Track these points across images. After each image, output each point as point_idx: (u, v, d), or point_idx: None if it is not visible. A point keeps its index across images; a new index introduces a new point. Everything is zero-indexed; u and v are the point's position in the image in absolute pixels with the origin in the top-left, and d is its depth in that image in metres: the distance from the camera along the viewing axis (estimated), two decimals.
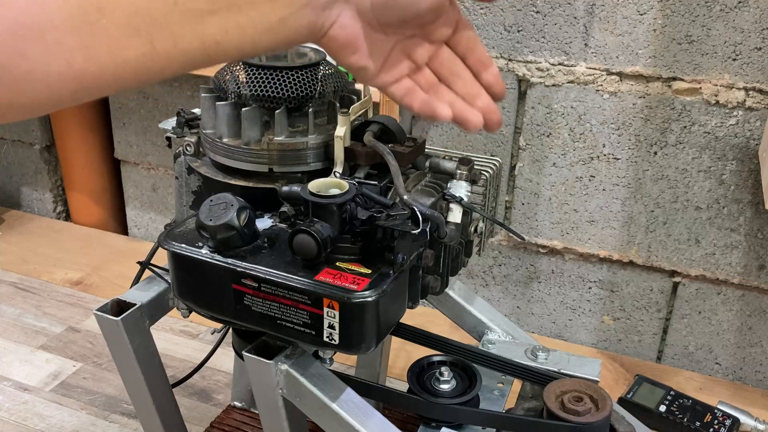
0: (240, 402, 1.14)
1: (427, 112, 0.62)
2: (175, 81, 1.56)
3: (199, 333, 1.38)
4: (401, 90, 0.62)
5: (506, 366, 0.81)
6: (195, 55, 0.49)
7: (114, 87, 0.47)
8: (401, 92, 0.62)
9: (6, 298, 1.48)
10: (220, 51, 0.49)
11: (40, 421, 1.16)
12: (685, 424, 1.12)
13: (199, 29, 0.48)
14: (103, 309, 0.79)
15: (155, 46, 0.46)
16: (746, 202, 1.22)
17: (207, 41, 0.48)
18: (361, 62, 0.58)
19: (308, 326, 0.64)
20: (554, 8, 1.22)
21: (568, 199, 1.33)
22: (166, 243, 0.68)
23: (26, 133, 1.78)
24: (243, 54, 0.52)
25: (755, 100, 1.16)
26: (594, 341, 1.41)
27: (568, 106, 1.27)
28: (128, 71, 0.46)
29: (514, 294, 1.44)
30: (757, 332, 1.29)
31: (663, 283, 1.33)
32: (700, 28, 1.15)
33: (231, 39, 0.49)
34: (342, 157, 0.72)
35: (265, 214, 0.72)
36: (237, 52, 0.51)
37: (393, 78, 0.62)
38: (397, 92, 0.62)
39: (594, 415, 0.70)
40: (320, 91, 0.74)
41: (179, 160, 0.79)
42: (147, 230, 1.77)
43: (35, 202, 1.86)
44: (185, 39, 0.47)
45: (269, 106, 0.72)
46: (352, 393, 0.70)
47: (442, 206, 0.73)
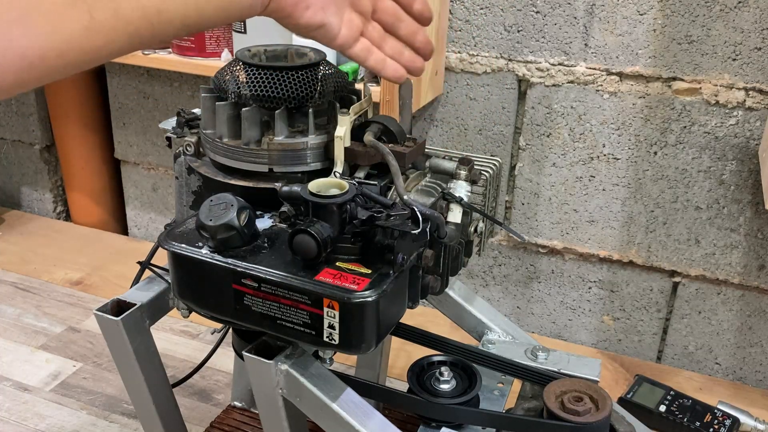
0: (240, 402, 1.14)
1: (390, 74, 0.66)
2: (175, 81, 1.56)
3: (199, 333, 1.38)
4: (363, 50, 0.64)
5: (506, 366, 0.81)
6: (138, 26, 0.48)
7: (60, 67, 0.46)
8: (363, 53, 0.64)
9: (6, 298, 1.48)
10: (164, 20, 0.49)
11: (40, 421, 1.16)
12: (685, 424, 1.12)
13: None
14: (103, 309, 0.79)
15: (95, 17, 0.46)
16: (746, 202, 1.22)
17: (148, 10, 0.48)
18: (317, 17, 0.58)
19: (308, 326, 0.64)
20: (554, 8, 1.23)
21: (568, 199, 1.33)
22: (166, 243, 0.68)
23: (26, 133, 1.78)
24: (188, 25, 0.51)
25: (755, 100, 1.16)
26: (594, 341, 1.41)
27: (568, 106, 1.27)
28: (71, 47, 0.46)
29: (514, 294, 1.44)
30: (757, 332, 1.29)
31: (663, 283, 1.33)
32: (700, 28, 1.15)
33: (173, 6, 0.49)
34: (342, 157, 0.72)
35: (265, 214, 0.72)
36: (181, 22, 0.50)
37: (354, 35, 0.63)
38: (360, 53, 0.64)
39: (594, 415, 0.70)
40: (320, 91, 0.74)
41: (179, 160, 0.79)
42: (147, 230, 1.77)
43: (35, 202, 1.86)
44: (125, 8, 0.47)
45: (269, 106, 0.72)
46: (352, 393, 0.70)
47: (442, 206, 0.73)
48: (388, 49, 0.68)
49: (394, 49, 0.68)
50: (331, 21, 0.60)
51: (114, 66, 1.60)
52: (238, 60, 0.75)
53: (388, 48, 0.68)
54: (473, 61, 1.31)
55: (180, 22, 0.50)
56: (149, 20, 0.48)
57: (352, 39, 0.63)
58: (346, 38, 0.63)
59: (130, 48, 0.49)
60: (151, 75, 1.58)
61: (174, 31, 0.51)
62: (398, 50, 0.68)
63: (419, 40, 0.70)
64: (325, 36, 0.61)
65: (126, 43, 0.48)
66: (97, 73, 1.65)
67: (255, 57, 0.77)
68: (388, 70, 0.67)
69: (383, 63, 0.67)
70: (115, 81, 1.62)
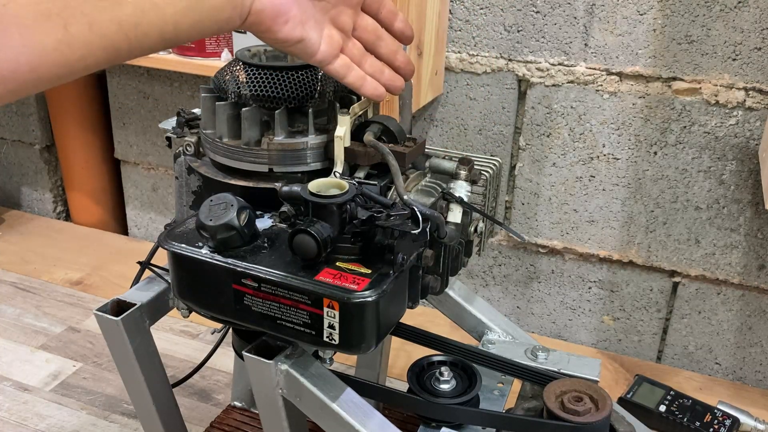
0: (240, 402, 1.14)
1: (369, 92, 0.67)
2: (175, 81, 1.56)
3: (199, 333, 1.38)
4: (342, 66, 0.64)
5: (506, 366, 0.81)
6: (115, 40, 0.47)
7: (33, 81, 0.45)
8: (343, 69, 0.64)
9: (6, 298, 1.48)
10: (141, 34, 0.48)
11: (40, 421, 1.16)
12: (685, 424, 1.12)
13: (116, 11, 0.46)
14: (103, 309, 0.79)
15: (70, 31, 0.45)
16: (746, 202, 1.22)
17: (124, 23, 0.47)
18: (296, 32, 0.58)
19: (308, 326, 0.64)
20: (554, 8, 1.23)
21: (568, 199, 1.33)
22: (166, 243, 0.68)
23: (26, 133, 1.78)
24: (166, 39, 0.50)
25: (755, 100, 1.16)
26: (594, 341, 1.41)
27: (568, 106, 1.27)
28: (45, 61, 0.45)
29: (514, 294, 1.44)
30: (757, 332, 1.29)
31: (663, 283, 1.33)
32: (700, 28, 1.15)
33: (150, 20, 0.48)
34: (342, 157, 0.72)
35: (265, 214, 0.72)
36: (158, 36, 0.50)
37: (334, 51, 0.63)
38: (339, 69, 0.64)
39: (594, 415, 0.70)
40: (320, 91, 0.74)
41: (179, 160, 0.79)
42: (147, 230, 1.77)
43: (35, 202, 1.86)
44: (101, 22, 0.46)
45: (269, 106, 0.72)
46: (352, 393, 0.70)
47: (442, 206, 0.73)
48: (368, 67, 0.68)
49: (374, 67, 0.68)
50: (310, 36, 0.60)
51: (114, 66, 1.60)
52: (238, 60, 0.75)
53: (368, 66, 0.68)
54: (473, 61, 1.31)
55: (157, 36, 0.50)
56: (125, 34, 0.48)
57: (331, 55, 0.63)
58: (326, 54, 0.63)
59: (106, 62, 0.48)
60: (151, 75, 1.58)
61: (151, 44, 0.50)
62: (378, 68, 0.69)
63: (399, 59, 0.70)
64: (304, 51, 0.61)
65: (102, 57, 0.47)
66: (97, 73, 1.65)
67: (255, 57, 0.77)
68: (367, 88, 0.68)
69: (362, 80, 0.67)
70: (115, 81, 1.62)
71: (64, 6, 0.44)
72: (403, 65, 0.70)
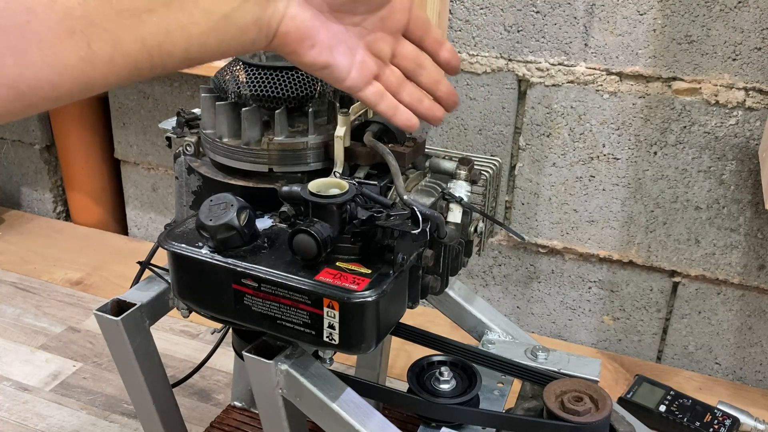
0: (240, 402, 1.14)
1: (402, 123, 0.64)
2: (175, 81, 1.56)
3: (199, 333, 1.38)
4: (374, 94, 0.62)
5: (506, 366, 0.81)
6: (138, 59, 0.46)
7: (53, 97, 0.44)
8: (374, 97, 0.62)
9: (6, 298, 1.48)
10: (164, 53, 0.48)
11: (40, 421, 1.16)
12: (685, 424, 1.12)
13: (140, 30, 0.46)
14: (103, 309, 0.79)
15: (94, 49, 0.44)
16: (746, 202, 1.22)
17: (148, 42, 0.46)
18: (322, 57, 0.56)
19: (308, 326, 0.64)
20: (554, 8, 1.23)
21: (568, 199, 1.33)
22: (166, 243, 0.68)
23: (26, 133, 1.78)
24: (191, 58, 0.49)
25: (755, 100, 1.16)
26: (594, 341, 1.41)
27: (568, 106, 1.27)
28: (66, 77, 0.44)
29: (514, 294, 1.44)
30: (757, 332, 1.29)
31: (663, 283, 1.33)
32: (700, 28, 1.15)
33: (174, 40, 0.48)
34: (342, 157, 0.72)
35: (265, 214, 0.72)
36: (183, 55, 0.49)
37: (365, 79, 0.61)
38: (371, 96, 0.62)
39: (594, 415, 0.70)
40: (320, 91, 0.74)
41: (179, 160, 0.79)
42: (147, 230, 1.77)
43: (35, 202, 1.86)
44: (125, 41, 0.45)
45: (269, 106, 0.72)
46: (352, 393, 0.70)
47: (442, 206, 0.73)
48: (406, 96, 0.64)
49: (412, 96, 0.65)
50: (338, 62, 0.58)
51: None
52: (238, 60, 0.75)
53: (406, 95, 0.64)
54: (473, 61, 1.31)
55: (182, 55, 0.49)
56: (149, 52, 0.47)
57: (362, 82, 0.61)
58: (356, 81, 0.60)
59: (127, 80, 0.47)
60: None
61: (174, 63, 0.49)
62: (417, 97, 0.65)
63: (442, 89, 0.66)
64: (331, 76, 0.59)
65: (124, 75, 0.47)
66: None
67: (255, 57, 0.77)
68: (400, 118, 0.64)
69: (395, 110, 0.64)
70: None
71: (88, 23, 0.43)
72: (445, 96, 0.67)
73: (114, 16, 0.44)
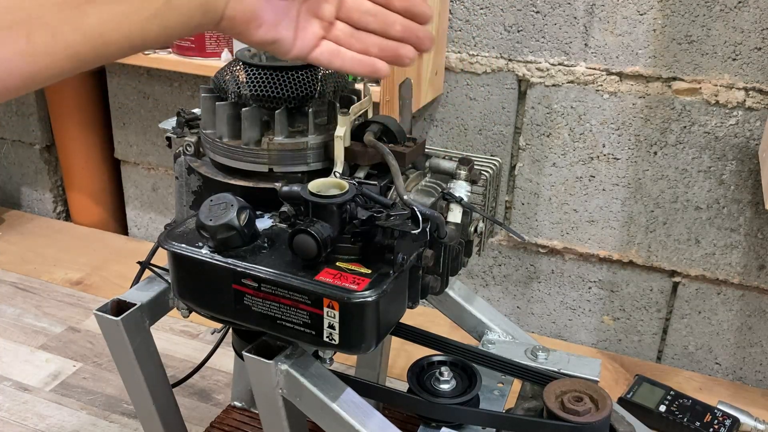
0: (240, 402, 1.14)
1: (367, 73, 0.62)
2: (175, 81, 1.56)
3: (199, 333, 1.38)
4: (325, 54, 0.61)
5: (506, 366, 0.81)
6: (80, 50, 0.46)
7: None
8: (327, 56, 0.61)
9: (6, 298, 1.48)
10: (107, 43, 0.47)
11: (40, 421, 1.16)
12: (685, 424, 1.12)
13: (79, 21, 0.46)
14: (103, 309, 0.79)
15: (33, 41, 0.44)
16: (746, 202, 1.22)
17: (89, 33, 0.46)
18: (269, 35, 0.57)
19: (308, 326, 0.64)
20: (554, 8, 1.23)
21: (568, 199, 1.33)
22: (166, 243, 0.68)
23: (26, 133, 1.78)
24: (134, 45, 0.49)
25: (755, 100, 1.16)
26: (594, 341, 1.41)
27: (568, 106, 1.27)
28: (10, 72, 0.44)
29: (514, 294, 1.44)
30: (757, 332, 1.29)
31: (663, 283, 1.33)
32: (700, 28, 1.15)
33: (116, 29, 0.47)
34: (342, 157, 0.72)
35: (265, 214, 0.72)
36: (127, 43, 0.49)
37: (310, 43, 0.61)
38: (323, 58, 0.61)
39: (594, 415, 0.70)
40: (320, 91, 0.74)
41: (179, 160, 0.79)
42: (147, 230, 1.77)
43: (35, 202, 1.86)
44: (65, 32, 0.45)
45: (269, 106, 0.72)
46: (352, 393, 0.70)
47: (442, 206, 0.73)
48: (361, 45, 0.62)
49: (367, 43, 0.62)
50: (283, 36, 0.58)
51: (114, 66, 1.60)
52: (238, 60, 0.75)
53: (360, 44, 0.62)
54: (473, 61, 1.31)
55: (124, 43, 0.49)
56: (92, 44, 0.47)
57: (308, 48, 0.61)
58: (301, 49, 0.60)
59: (71, 71, 0.47)
60: (151, 75, 1.58)
61: (117, 52, 0.49)
62: (373, 43, 0.62)
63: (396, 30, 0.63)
64: (278, 50, 0.59)
65: (67, 67, 0.47)
66: (97, 73, 1.66)
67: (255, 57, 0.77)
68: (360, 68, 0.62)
69: (351, 61, 0.62)
70: (115, 81, 1.62)
71: (26, 17, 0.44)
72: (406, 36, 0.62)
73: (53, 8, 0.44)
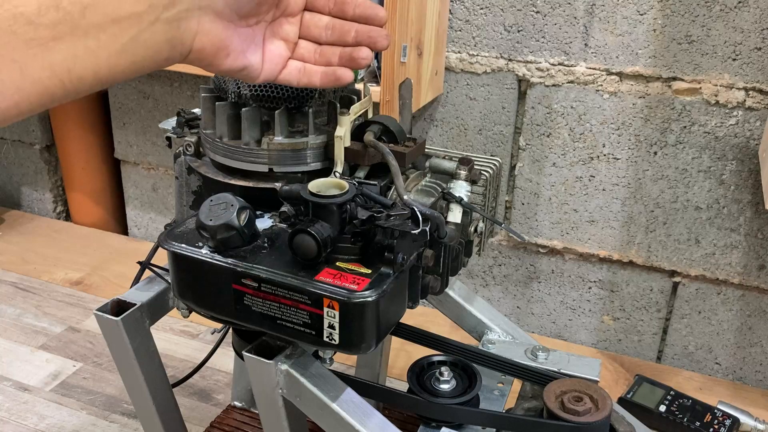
0: (240, 402, 1.14)
1: (332, 83, 0.64)
2: (175, 81, 1.56)
3: (199, 333, 1.38)
4: (294, 73, 0.63)
5: (506, 366, 0.81)
6: (48, 86, 0.47)
7: None
8: (295, 75, 0.63)
9: (6, 298, 1.48)
10: (75, 78, 0.48)
11: (40, 421, 1.16)
12: (685, 424, 1.12)
13: (47, 57, 0.46)
14: (103, 309, 0.79)
15: (2, 79, 0.44)
16: (746, 202, 1.22)
17: (57, 69, 0.46)
18: (237, 62, 0.58)
19: (308, 326, 0.64)
20: (554, 8, 1.23)
21: (568, 199, 1.33)
22: (166, 243, 0.68)
23: (26, 133, 1.78)
24: (101, 80, 0.50)
25: (755, 100, 1.16)
26: (594, 341, 1.41)
27: (568, 106, 1.27)
28: None
29: (514, 294, 1.44)
30: (757, 332, 1.29)
31: (663, 283, 1.33)
32: (700, 28, 1.15)
33: (83, 65, 0.48)
34: (342, 157, 0.72)
35: (265, 214, 0.72)
36: (94, 79, 0.49)
37: (278, 65, 0.62)
38: (291, 77, 0.63)
39: (594, 415, 0.70)
40: (320, 91, 0.74)
41: (179, 160, 0.79)
42: (147, 230, 1.77)
43: (35, 202, 1.86)
44: (33, 68, 0.45)
45: (269, 106, 0.72)
46: (352, 393, 0.70)
47: (442, 206, 0.73)
48: (323, 58, 0.64)
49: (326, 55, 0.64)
50: (251, 61, 0.59)
51: None
52: None
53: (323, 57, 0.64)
54: (473, 61, 1.31)
55: (92, 79, 0.49)
56: (59, 79, 0.47)
57: (276, 70, 0.62)
58: (269, 72, 0.62)
59: (40, 106, 0.48)
60: (151, 75, 1.58)
61: (87, 87, 0.49)
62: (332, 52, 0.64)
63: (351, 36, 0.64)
64: (247, 76, 0.60)
65: (36, 102, 0.47)
66: None
67: None
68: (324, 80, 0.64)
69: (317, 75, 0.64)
70: None
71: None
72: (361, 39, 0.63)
73: (21, 45, 0.45)
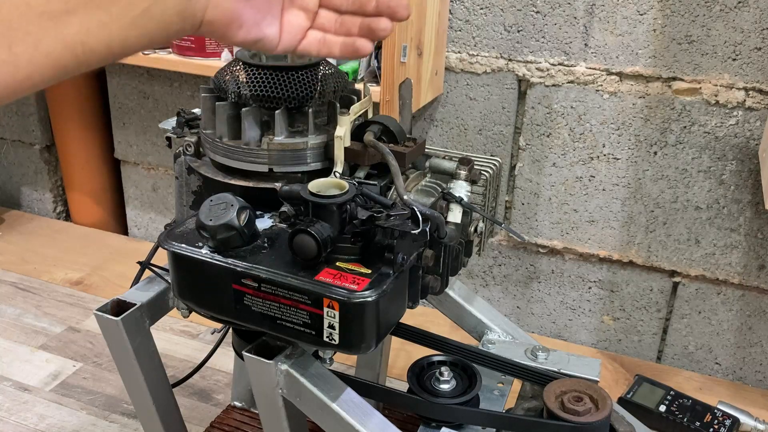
0: (240, 402, 1.14)
1: (351, 54, 0.63)
2: (175, 81, 1.56)
3: (199, 333, 1.38)
4: (314, 44, 0.62)
5: (506, 366, 0.81)
6: (61, 59, 0.47)
7: None
8: (315, 46, 0.62)
9: (6, 298, 1.48)
10: (87, 51, 0.48)
11: (40, 421, 1.16)
12: (685, 424, 1.12)
13: (60, 30, 0.46)
14: (103, 309, 0.79)
15: (15, 51, 0.45)
16: (746, 202, 1.22)
17: (70, 42, 0.47)
18: (251, 34, 0.57)
19: (308, 326, 0.64)
20: (554, 8, 1.23)
21: (568, 199, 1.33)
22: (166, 243, 0.68)
23: (26, 133, 1.78)
24: (114, 53, 0.50)
25: (755, 100, 1.16)
26: (594, 341, 1.41)
27: (568, 106, 1.27)
28: None
29: (514, 294, 1.44)
30: (757, 332, 1.29)
31: (663, 283, 1.33)
32: (700, 28, 1.15)
33: (96, 38, 0.48)
34: (342, 157, 0.72)
35: (265, 214, 0.72)
36: (107, 51, 0.50)
37: (297, 36, 0.61)
38: (311, 48, 0.62)
39: (594, 415, 0.70)
40: (320, 91, 0.74)
41: (179, 160, 0.79)
42: (147, 230, 1.77)
43: (35, 202, 1.86)
44: (46, 41, 0.46)
45: (269, 106, 0.72)
46: (352, 393, 0.70)
47: (442, 206, 0.73)
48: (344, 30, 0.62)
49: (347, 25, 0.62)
50: (266, 33, 0.58)
51: (114, 66, 1.60)
52: (238, 60, 0.75)
53: (344, 28, 0.62)
54: (473, 61, 1.31)
55: (105, 51, 0.49)
56: (73, 52, 0.47)
57: (294, 41, 0.61)
58: (287, 43, 0.61)
59: (53, 79, 0.48)
60: (151, 75, 1.58)
61: (99, 59, 0.50)
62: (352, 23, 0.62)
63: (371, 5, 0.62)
64: (264, 47, 0.59)
65: (49, 75, 0.47)
66: (97, 74, 1.65)
67: (255, 57, 0.77)
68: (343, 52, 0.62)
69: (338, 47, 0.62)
70: (115, 81, 1.62)
71: (7, 27, 0.44)
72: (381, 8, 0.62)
73: (34, 18, 0.45)
